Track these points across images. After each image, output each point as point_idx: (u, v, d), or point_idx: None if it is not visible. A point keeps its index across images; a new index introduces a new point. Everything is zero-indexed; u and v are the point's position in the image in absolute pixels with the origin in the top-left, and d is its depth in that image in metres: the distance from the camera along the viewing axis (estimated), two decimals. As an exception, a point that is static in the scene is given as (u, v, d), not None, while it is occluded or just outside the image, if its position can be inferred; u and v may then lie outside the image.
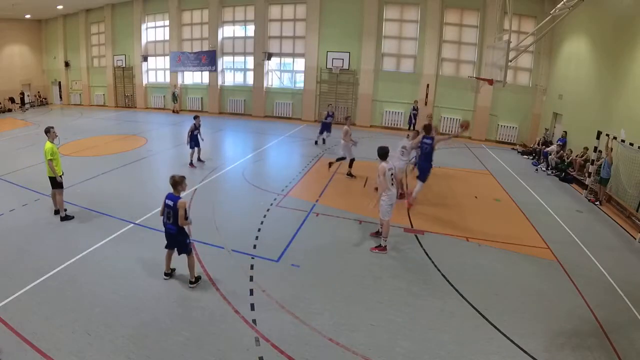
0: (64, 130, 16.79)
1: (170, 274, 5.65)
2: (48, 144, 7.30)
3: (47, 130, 7.49)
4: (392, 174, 6.62)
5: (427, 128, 8.73)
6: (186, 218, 5.25)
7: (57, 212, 7.58)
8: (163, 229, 5.49)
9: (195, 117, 11.53)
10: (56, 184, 7.37)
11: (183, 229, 5.35)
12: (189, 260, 5.45)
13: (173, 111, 22.96)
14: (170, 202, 5.28)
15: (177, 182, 5.35)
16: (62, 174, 7.52)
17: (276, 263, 6.23)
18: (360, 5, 18.67)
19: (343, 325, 4.80)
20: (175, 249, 5.50)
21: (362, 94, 19.52)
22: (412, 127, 17.58)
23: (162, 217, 5.42)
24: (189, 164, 11.37)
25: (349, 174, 10.83)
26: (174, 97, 22.89)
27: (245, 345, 4.38)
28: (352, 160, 10.78)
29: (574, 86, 13.60)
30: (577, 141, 12.58)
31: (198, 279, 5.57)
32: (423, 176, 8.77)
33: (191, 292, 5.35)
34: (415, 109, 17.88)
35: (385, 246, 6.73)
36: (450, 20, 18.07)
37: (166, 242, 5.52)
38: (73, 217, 7.52)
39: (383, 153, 6.60)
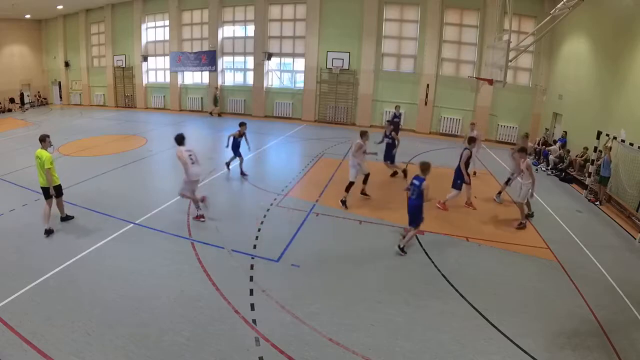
0: (64, 130, 16.81)
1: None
2: (45, 152, 6.82)
3: (43, 139, 6.96)
4: (190, 155, 7.50)
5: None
6: (427, 198, 6.54)
7: (64, 218, 7.36)
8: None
9: (242, 124, 10.39)
10: (59, 191, 7.07)
11: (421, 207, 6.53)
12: (412, 231, 6.65)
13: (211, 114, 21.90)
14: (416, 182, 6.52)
15: (425, 169, 6.56)
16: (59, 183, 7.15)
17: (276, 263, 6.23)
18: (360, 5, 18.67)
19: (343, 325, 4.80)
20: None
21: (362, 94, 19.53)
22: (391, 138, 13.30)
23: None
24: (241, 173, 10.65)
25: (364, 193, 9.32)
26: (216, 100, 21.76)
27: (245, 345, 4.38)
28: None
29: (574, 86, 13.59)
30: (577, 141, 12.58)
31: (404, 251, 6.60)
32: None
33: (191, 292, 5.35)
34: (397, 116, 14.83)
35: (203, 214, 7.65)
36: (450, 20, 18.07)
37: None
38: (73, 217, 7.46)
39: (179, 138, 7.60)
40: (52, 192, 6.87)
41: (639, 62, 9.71)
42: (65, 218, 7.38)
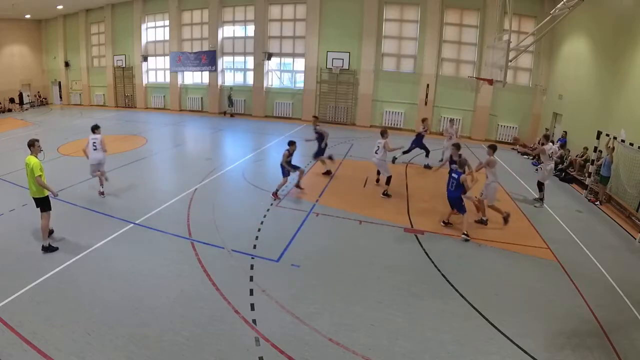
0: (64, 130, 16.81)
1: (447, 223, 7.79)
2: (34, 159, 6.17)
3: (32, 144, 6.31)
4: (93, 142, 8.66)
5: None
6: (468, 189, 7.39)
7: (46, 248, 6.25)
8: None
9: (291, 144, 9.05)
10: (46, 204, 6.28)
11: (460, 198, 7.35)
12: (464, 218, 7.42)
13: (225, 114, 21.94)
14: (455, 176, 7.34)
15: (463, 163, 7.42)
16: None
17: (276, 263, 6.23)
18: (360, 5, 18.67)
19: (343, 325, 4.80)
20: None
21: (362, 94, 19.53)
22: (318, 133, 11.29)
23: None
24: (273, 193, 9.10)
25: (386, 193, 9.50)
26: (230, 101, 21.64)
27: (245, 345, 4.38)
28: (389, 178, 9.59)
29: (574, 86, 13.59)
30: (577, 141, 12.58)
31: (467, 236, 7.26)
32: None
33: (191, 292, 5.35)
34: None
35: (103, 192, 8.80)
36: (450, 20, 18.07)
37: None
38: (57, 249, 6.30)
39: (92, 127, 8.82)
40: (55, 194, 6.29)
41: (639, 62, 9.71)
42: (48, 248, 6.23)
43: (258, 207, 8.52)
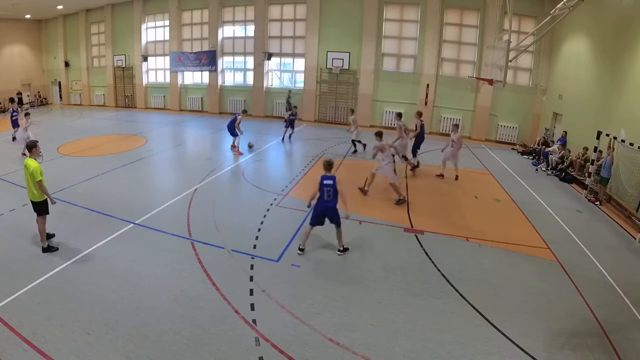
0: (63, 131, 16.81)
1: (304, 249, 6.45)
2: (34, 162, 6.02)
3: (33, 145, 6.20)
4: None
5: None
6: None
7: (46, 249, 6.22)
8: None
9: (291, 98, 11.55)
10: (44, 208, 6.16)
11: (336, 207, 6.29)
12: (340, 231, 6.43)
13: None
14: (329, 182, 6.18)
15: (332, 165, 6.38)
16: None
17: (276, 263, 6.23)
18: (360, 5, 18.67)
19: (343, 325, 4.80)
20: (323, 224, 6.40)
21: (362, 94, 19.53)
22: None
23: (318, 198, 6.28)
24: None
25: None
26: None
27: (245, 345, 4.38)
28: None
29: (574, 86, 13.60)
30: (577, 141, 12.58)
31: (346, 249, 6.53)
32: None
33: (191, 292, 5.35)
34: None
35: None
36: (450, 20, 18.07)
37: (314, 220, 6.36)
38: (58, 249, 6.29)
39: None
40: (53, 201, 6.21)
41: (639, 62, 9.71)
42: (48, 248, 6.23)
43: (258, 207, 8.51)
